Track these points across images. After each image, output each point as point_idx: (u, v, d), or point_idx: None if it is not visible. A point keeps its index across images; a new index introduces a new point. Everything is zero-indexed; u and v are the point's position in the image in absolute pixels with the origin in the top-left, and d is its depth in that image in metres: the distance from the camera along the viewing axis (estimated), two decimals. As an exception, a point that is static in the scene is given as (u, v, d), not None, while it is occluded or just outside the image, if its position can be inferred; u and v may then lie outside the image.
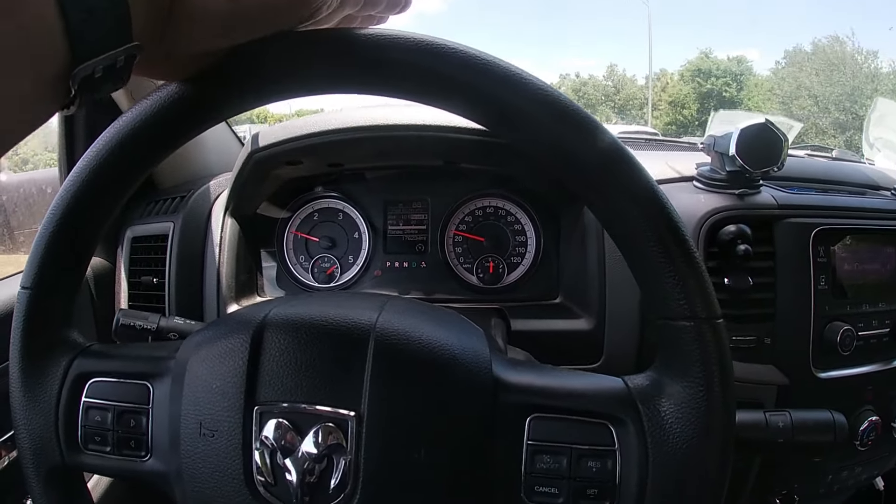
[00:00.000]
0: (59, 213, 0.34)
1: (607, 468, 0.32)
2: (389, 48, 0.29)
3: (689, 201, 0.66)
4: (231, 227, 0.73)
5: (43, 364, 0.37)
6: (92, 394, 0.36)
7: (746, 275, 0.64)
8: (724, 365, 0.31)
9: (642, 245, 0.31)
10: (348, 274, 0.78)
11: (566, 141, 0.31)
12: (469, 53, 0.30)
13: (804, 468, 0.73)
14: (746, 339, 0.66)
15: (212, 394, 0.33)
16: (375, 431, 0.31)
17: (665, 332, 0.32)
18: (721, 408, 0.31)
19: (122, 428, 0.36)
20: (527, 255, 0.76)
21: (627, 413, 0.32)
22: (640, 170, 0.31)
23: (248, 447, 0.32)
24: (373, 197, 0.79)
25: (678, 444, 0.31)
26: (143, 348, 0.43)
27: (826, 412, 0.51)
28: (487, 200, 0.77)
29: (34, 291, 0.36)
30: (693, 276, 0.31)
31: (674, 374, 0.32)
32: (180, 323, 0.52)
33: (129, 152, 0.32)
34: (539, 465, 0.33)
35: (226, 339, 0.34)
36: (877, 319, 0.71)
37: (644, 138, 1.15)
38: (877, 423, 0.71)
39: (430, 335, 0.34)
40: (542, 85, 0.30)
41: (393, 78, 0.31)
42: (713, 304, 0.31)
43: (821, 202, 0.70)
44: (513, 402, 0.33)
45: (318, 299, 0.41)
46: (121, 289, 0.79)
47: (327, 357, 0.33)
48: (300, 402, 0.32)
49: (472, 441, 0.32)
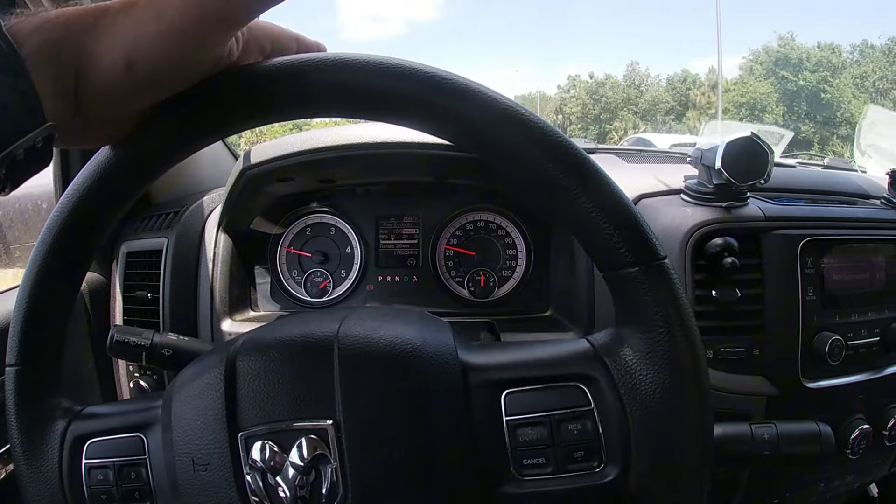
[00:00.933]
0: (31, 285, 0.35)
1: (588, 429, 0.33)
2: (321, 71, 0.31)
3: (677, 214, 0.67)
4: (224, 242, 0.74)
5: (41, 435, 0.37)
6: (91, 454, 0.37)
7: (734, 287, 0.65)
8: (678, 304, 0.31)
9: (576, 206, 0.31)
10: (341, 288, 0.79)
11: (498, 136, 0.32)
12: (426, 72, 0.31)
13: (796, 476, 0.73)
14: (735, 350, 0.66)
15: (198, 430, 0.34)
16: (354, 436, 0.32)
17: (615, 284, 0.33)
18: (686, 346, 0.31)
19: (125, 482, 0.37)
20: (517, 269, 0.77)
21: (596, 370, 0.33)
22: (571, 147, 0.32)
23: (239, 473, 0.33)
24: (365, 212, 0.79)
25: (650, 389, 0.31)
26: (132, 402, 0.44)
27: (812, 423, 0.51)
28: (478, 215, 0.78)
29: (22, 367, 0.37)
30: (628, 223, 0.31)
31: (632, 322, 0.33)
32: (174, 339, 0.52)
33: (109, 188, 0.33)
34: (522, 438, 0.33)
35: (203, 376, 0.35)
36: (866, 329, 0.71)
37: (636, 149, 1.16)
38: (868, 431, 0.71)
39: (391, 334, 0.35)
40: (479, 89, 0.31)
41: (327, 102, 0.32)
42: (654, 246, 0.31)
43: (809, 213, 0.70)
44: (484, 381, 0.34)
45: (283, 322, 0.42)
46: (115, 303, 0.80)
47: (297, 373, 0.34)
48: (279, 420, 0.33)
49: (451, 427, 0.33)
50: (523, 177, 0.33)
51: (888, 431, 0.73)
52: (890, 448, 0.76)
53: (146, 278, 0.77)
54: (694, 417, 0.32)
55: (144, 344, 0.51)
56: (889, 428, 0.73)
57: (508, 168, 0.33)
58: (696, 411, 0.32)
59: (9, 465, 0.69)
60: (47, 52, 0.26)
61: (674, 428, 0.32)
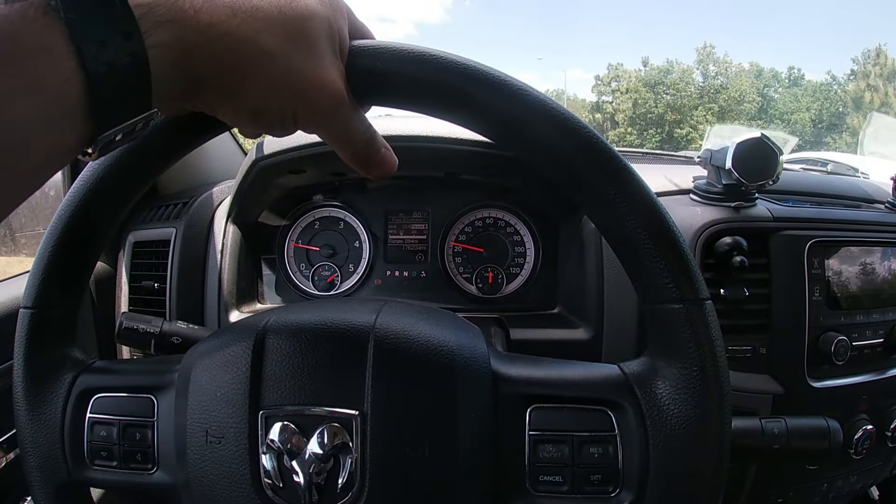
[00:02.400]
0: (59, 231, 0.35)
1: (609, 454, 0.33)
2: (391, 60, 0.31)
3: (686, 214, 0.67)
4: (233, 233, 0.74)
5: (47, 382, 0.37)
6: (97, 409, 0.37)
7: (742, 286, 0.65)
8: (716, 345, 0.32)
9: (628, 233, 0.32)
10: (348, 282, 0.79)
11: (551, 142, 0.32)
12: (477, 69, 0.31)
13: (800, 476, 0.73)
14: (742, 348, 0.66)
15: (217, 401, 0.33)
16: (380, 429, 0.32)
17: (656, 317, 0.33)
18: (716, 388, 0.32)
19: (128, 442, 0.36)
20: (525, 266, 0.77)
21: (625, 398, 0.33)
22: (630, 171, 0.32)
23: (254, 451, 0.32)
24: (374, 206, 0.79)
25: (676, 425, 0.32)
26: (145, 363, 0.43)
27: (821, 419, 0.51)
28: (487, 211, 0.78)
29: (36, 311, 0.36)
30: (678, 260, 0.32)
31: (667, 356, 0.33)
32: (183, 327, 0.52)
33: (128, 167, 0.33)
34: (542, 454, 0.33)
35: (228, 348, 0.35)
36: (870, 330, 0.72)
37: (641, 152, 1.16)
38: (871, 432, 0.71)
39: (427, 333, 0.35)
40: (542, 97, 0.31)
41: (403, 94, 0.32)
42: (700, 286, 0.32)
43: (816, 215, 0.71)
44: (513, 393, 0.34)
45: (317, 305, 0.42)
46: (121, 292, 0.79)
47: (329, 359, 0.34)
48: (304, 404, 0.33)
49: (475, 434, 0.33)
50: (574, 192, 0.33)
51: (891, 432, 0.74)
52: (892, 449, 0.77)
53: (153, 268, 0.77)
54: (714, 457, 0.32)
55: (153, 331, 0.51)
56: (892, 429, 0.74)
57: (559, 181, 0.33)
58: (717, 452, 0.32)
59: (9, 454, 0.69)
60: (176, 53, 0.25)
61: (694, 464, 0.32)
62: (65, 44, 0.21)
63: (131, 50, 0.23)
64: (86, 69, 0.22)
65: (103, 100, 0.23)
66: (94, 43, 0.22)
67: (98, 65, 0.22)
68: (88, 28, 0.22)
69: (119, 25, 0.22)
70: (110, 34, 0.22)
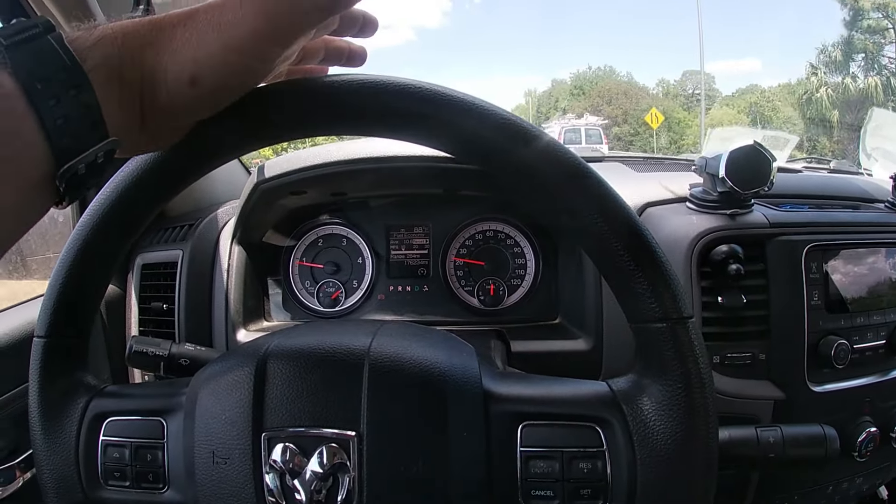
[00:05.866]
0: (69, 264, 0.37)
1: (598, 468, 0.34)
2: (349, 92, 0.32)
3: (682, 222, 0.68)
4: (238, 254, 0.76)
5: (61, 408, 0.39)
6: (109, 432, 0.39)
7: (740, 293, 0.66)
8: (700, 362, 0.33)
9: (612, 255, 0.33)
10: (352, 298, 0.81)
11: (527, 162, 0.33)
12: (431, 89, 0.32)
13: (804, 480, 0.74)
14: (741, 355, 0.67)
15: (222, 424, 0.35)
16: (375, 449, 0.34)
17: (641, 336, 0.34)
18: (701, 404, 0.33)
19: (140, 463, 0.38)
20: (526, 278, 0.78)
21: (612, 414, 0.34)
22: (603, 184, 0.33)
23: (258, 471, 0.34)
24: (375, 223, 0.81)
25: (662, 441, 0.33)
26: (154, 386, 0.45)
27: (817, 426, 0.52)
28: (487, 225, 0.79)
29: (49, 340, 0.38)
30: (662, 280, 0.33)
31: (653, 374, 0.34)
32: (191, 349, 0.54)
33: (134, 198, 0.35)
34: (533, 469, 0.35)
35: (232, 373, 0.37)
36: (872, 332, 0.72)
37: (643, 157, 1.17)
38: (875, 434, 0.71)
39: (420, 355, 0.37)
40: (503, 112, 0.33)
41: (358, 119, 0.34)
42: (683, 305, 0.33)
43: (813, 219, 0.71)
44: (504, 411, 0.36)
45: (316, 329, 0.43)
46: (131, 314, 0.81)
47: (327, 382, 0.35)
48: (304, 426, 0.34)
49: (468, 452, 0.34)
50: (562, 223, 0.34)
51: (895, 434, 0.74)
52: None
53: (161, 290, 0.79)
54: (701, 470, 0.33)
55: (163, 354, 0.53)
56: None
57: (541, 205, 0.35)
58: (704, 466, 0.33)
59: (26, 473, 0.71)
60: (110, 67, 0.27)
61: (680, 478, 0.33)
62: (21, 101, 0.24)
63: (83, 101, 0.26)
64: (44, 126, 0.24)
65: (60, 144, 0.25)
66: (50, 101, 0.25)
67: (55, 118, 0.25)
68: (42, 86, 0.25)
69: (68, 78, 0.25)
70: (63, 90, 0.25)
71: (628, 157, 1.08)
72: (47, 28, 0.26)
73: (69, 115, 0.25)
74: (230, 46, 0.28)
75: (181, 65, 0.28)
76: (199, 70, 0.28)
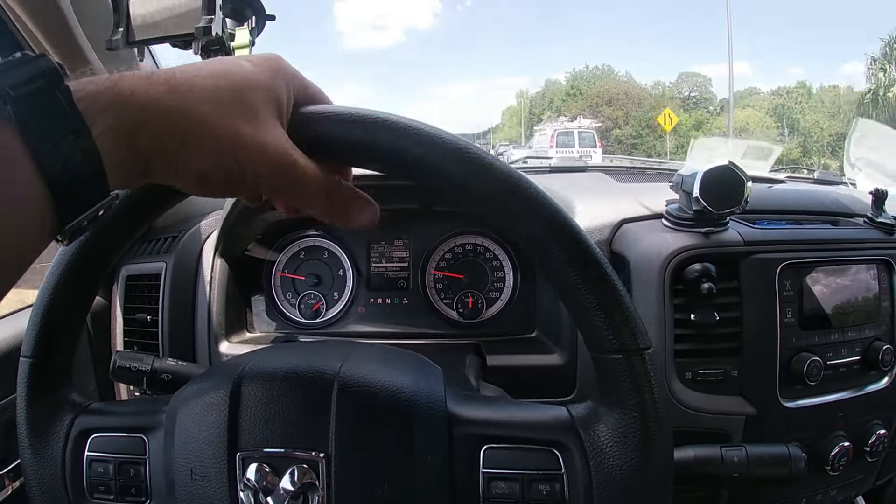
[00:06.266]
0: (52, 287, 0.38)
1: (556, 491, 0.35)
2: None
3: (657, 240, 0.68)
4: (221, 267, 0.76)
5: (48, 424, 0.41)
6: (94, 448, 0.40)
7: (713, 310, 0.66)
8: (656, 393, 0.34)
9: (570, 286, 0.34)
10: (333, 310, 0.82)
11: (483, 191, 0.34)
12: (362, 114, 0.33)
13: (776, 493, 0.75)
14: (714, 372, 0.68)
15: (200, 443, 0.37)
16: (343, 470, 0.35)
17: (599, 365, 0.35)
18: (656, 433, 0.34)
19: (123, 477, 0.40)
20: (504, 290, 0.79)
21: (570, 439, 0.36)
22: (560, 214, 0.34)
23: (233, 489, 0.36)
24: (356, 236, 0.82)
25: (617, 467, 0.34)
26: (137, 404, 0.47)
27: (782, 446, 0.53)
28: (466, 238, 0.80)
29: (35, 360, 0.40)
30: (619, 312, 0.34)
31: (610, 402, 0.35)
32: (173, 364, 0.55)
33: (121, 219, 0.37)
34: (495, 490, 0.36)
35: (209, 394, 0.38)
36: (846, 348, 0.73)
37: (626, 167, 1.17)
38: (848, 448, 0.72)
39: (388, 380, 0.38)
40: (440, 133, 0.33)
41: None
42: (640, 336, 0.34)
43: (788, 236, 0.72)
44: (467, 434, 0.37)
45: (290, 350, 0.45)
46: (116, 325, 0.82)
47: (298, 405, 0.37)
48: (276, 446, 0.36)
49: (433, 472, 0.36)
50: (519, 242, 0.35)
51: (870, 447, 0.74)
52: (872, 463, 0.78)
53: (146, 301, 0.79)
54: (654, 496, 0.35)
55: (145, 370, 0.54)
56: (871, 444, 0.74)
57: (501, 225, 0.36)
58: (657, 492, 0.35)
59: (15, 483, 0.72)
60: (118, 133, 0.26)
61: (636, 497, 0.34)
62: (21, 148, 0.24)
63: (82, 146, 0.25)
64: (42, 170, 0.24)
65: (63, 195, 0.25)
66: (47, 144, 0.24)
67: (53, 163, 0.24)
68: (41, 131, 0.24)
69: (67, 125, 0.25)
70: (61, 134, 0.25)
71: (611, 167, 1.08)
72: (55, 79, 0.25)
73: (73, 175, 0.25)
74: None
75: (193, 165, 0.29)
76: (207, 173, 0.30)
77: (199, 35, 0.61)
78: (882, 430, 0.75)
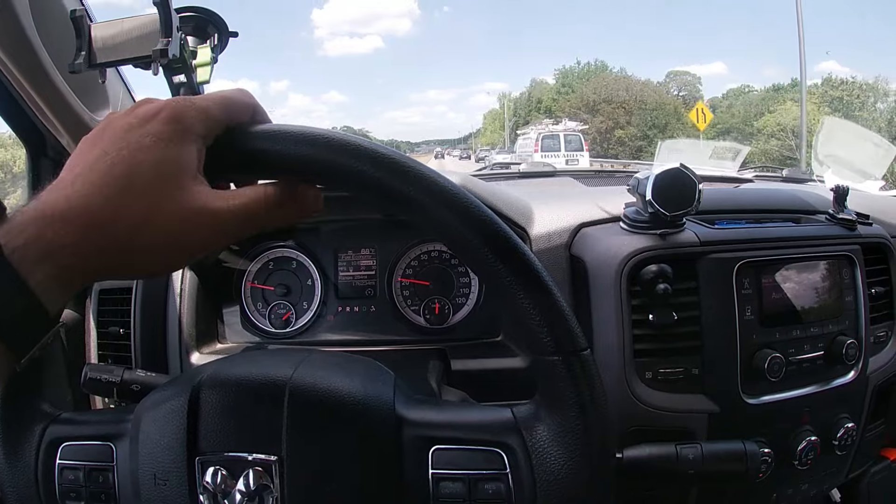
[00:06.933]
0: None
1: (502, 491, 0.36)
2: None
3: (614, 242, 0.70)
4: (190, 279, 0.78)
5: (20, 434, 0.42)
6: (65, 456, 0.41)
7: (671, 310, 0.67)
8: (595, 393, 0.35)
9: (506, 290, 0.35)
10: (303, 319, 0.82)
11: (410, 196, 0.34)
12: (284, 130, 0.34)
13: (745, 489, 0.75)
14: (675, 370, 0.68)
15: (161, 449, 0.38)
16: (295, 472, 0.36)
17: (538, 367, 0.36)
18: (597, 433, 0.35)
19: (93, 484, 0.41)
20: (471, 296, 0.80)
21: (513, 440, 0.37)
22: (491, 220, 0.35)
23: (193, 492, 0.37)
24: (324, 246, 0.83)
25: (558, 467, 0.35)
26: (104, 413, 0.49)
27: (739, 443, 0.53)
28: (432, 245, 0.81)
29: None
30: (555, 315, 0.35)
31: (550, 403, 0.36)
32: (142, 375, 0.56)
33: None
34: (444, 491, 0.37)
35: (170, 402, 0.40)
36: (809, 344, 0.73)
37: (594, 171, 1.18)
38: (815, 442, 0.72)
39: (338, 385, 0.39)
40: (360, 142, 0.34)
41: None
42: (577, 338, 0.35)
43: (745, 235, 0.72)
44: (416, 435, 0.38)
45: (247, 359, 0.47)
46: (90, 338, 0.83)
47: (252, 411, 0.38)
48: (232, 450, 0.37)
49: (383, 474, 0.37)
50: (461, 255, 0.37)
51: (838, 441, 0.75)
52: (842, 457, 0.78)
53: (118, 315, 0.80)
54: (595, 493, 0.36)
55: (115, 381, 0.56)
56: (839, 437, 0.75)
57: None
58: (598, 489, 0.36)
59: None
60: (61, 282, 0.29)
61: (577, 496, 0.35)
62: None
63: (14, 293, 0.27)
64: None
65: (13, 339, 0.28)
66: None
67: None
68: None
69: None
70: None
71: (579, 172, 1.09)
72: None
73: (15, 317, 0.27)
74: None
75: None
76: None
77: (156, 57, 0.62)
78: (850, 424, 0.76)
